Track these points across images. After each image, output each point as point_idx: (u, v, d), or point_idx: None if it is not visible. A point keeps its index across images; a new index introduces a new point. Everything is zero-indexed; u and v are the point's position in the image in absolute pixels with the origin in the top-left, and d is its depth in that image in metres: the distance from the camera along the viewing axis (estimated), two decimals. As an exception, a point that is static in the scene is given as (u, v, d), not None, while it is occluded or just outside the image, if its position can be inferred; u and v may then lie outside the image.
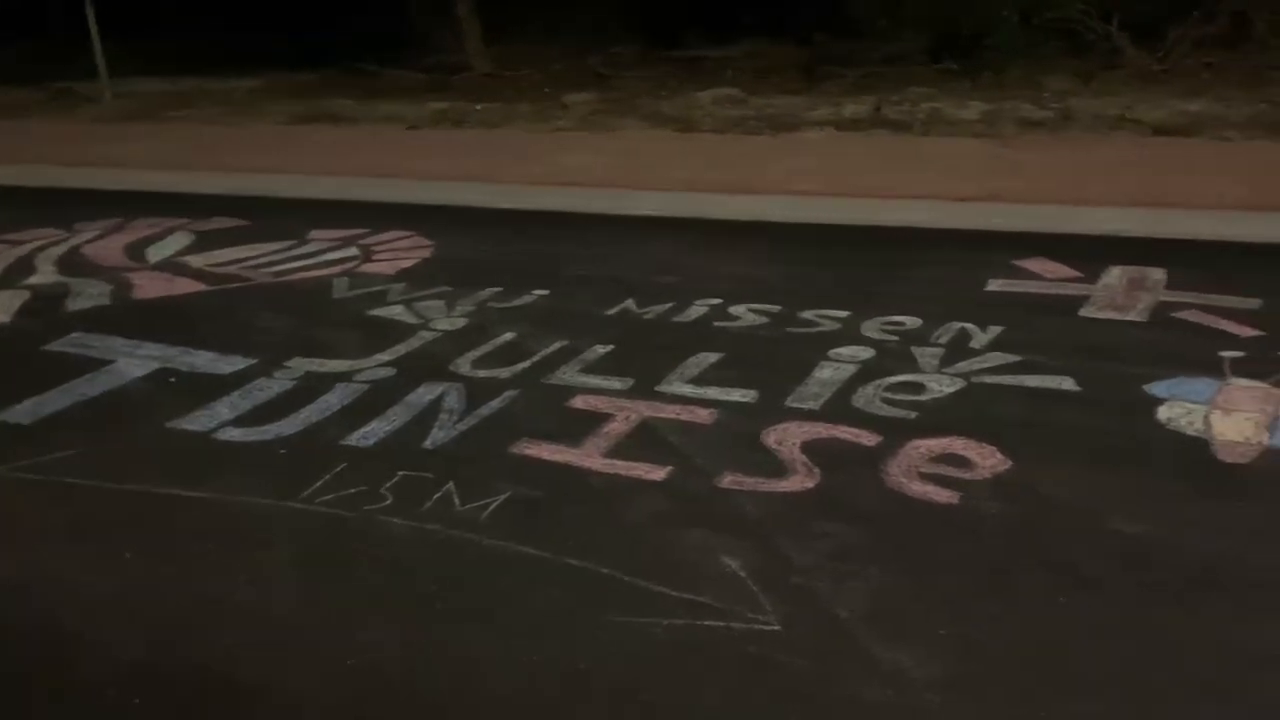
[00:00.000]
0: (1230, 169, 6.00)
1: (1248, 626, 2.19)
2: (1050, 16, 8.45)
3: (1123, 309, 4.03)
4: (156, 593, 2.49)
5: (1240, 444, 2.91)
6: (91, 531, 2.77)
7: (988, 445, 2.96)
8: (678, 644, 2.21)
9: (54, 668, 2.26)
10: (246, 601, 2.44)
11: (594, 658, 2.19)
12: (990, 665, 2.11)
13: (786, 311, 4.13)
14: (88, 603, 2.46)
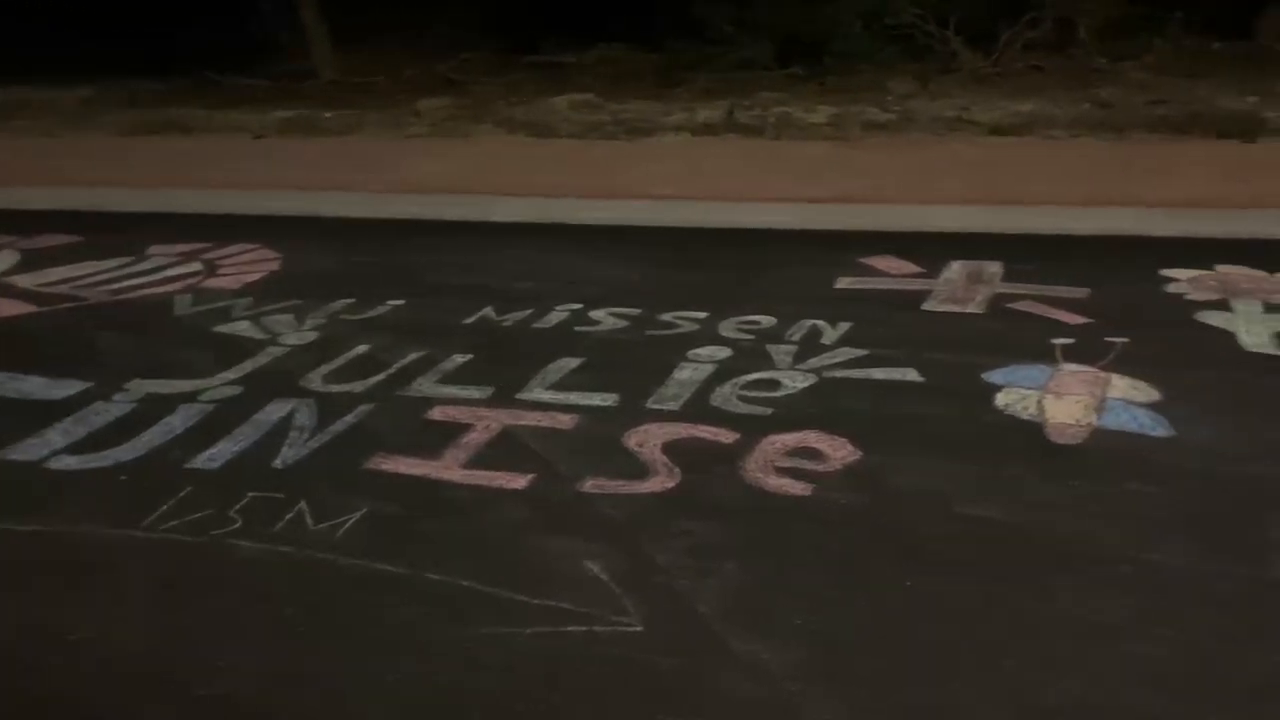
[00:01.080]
0: (1059, 166, 6.36)
1: (1086, 599, 2.31)
2: (890, 22, 8.78)
3: (962, 302, 4.22)
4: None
5: (1071, 426, 3.08)
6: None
7: (839, 437, 3.04)
8: (542, 652, 2.20)
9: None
10: (90, 635, 2.31)
11: (458, 673, 2.16)
12: (845, 651, 2.17)
13: (646, 314, 4.17)
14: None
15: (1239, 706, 1.97)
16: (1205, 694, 2.00)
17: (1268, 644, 2.13)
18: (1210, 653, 2.11)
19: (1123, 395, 3.25)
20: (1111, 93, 7.81)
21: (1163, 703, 1.99)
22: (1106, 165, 6.28)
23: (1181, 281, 4.29)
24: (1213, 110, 7.19)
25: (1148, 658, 2.11)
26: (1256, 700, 1.98)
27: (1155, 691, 2.02)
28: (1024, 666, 2.11)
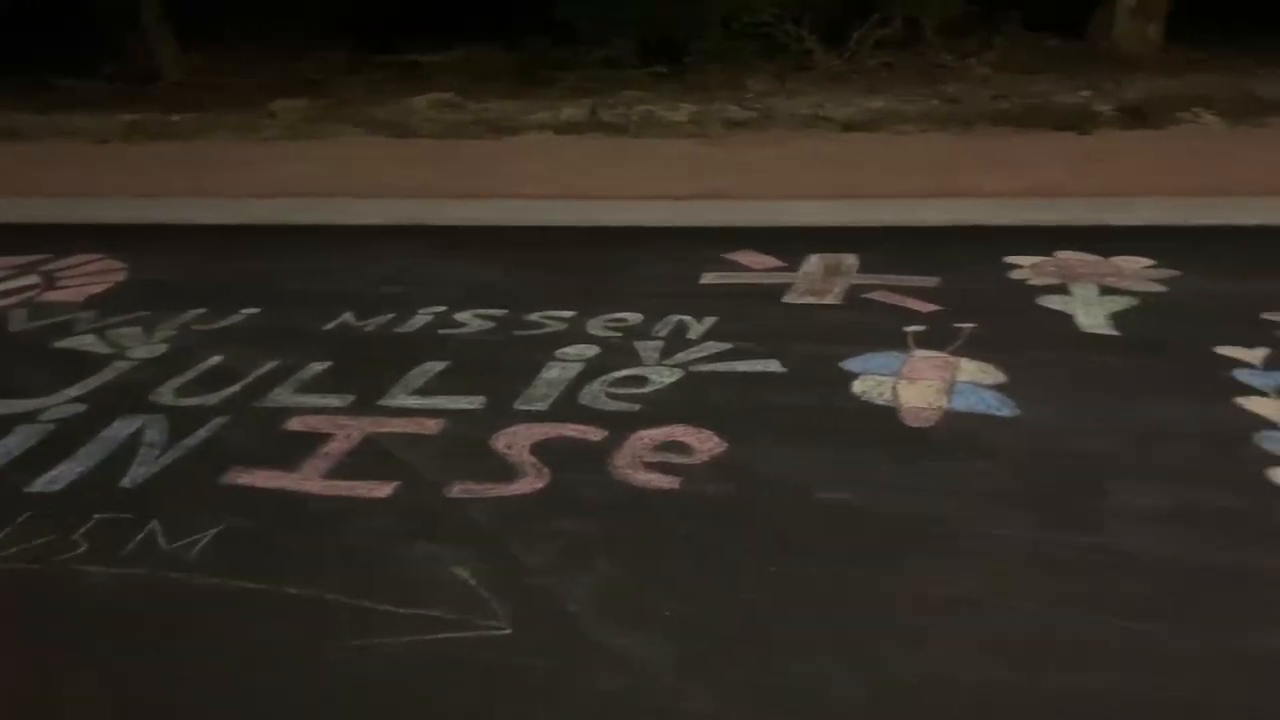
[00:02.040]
0: (910, 160, 6.60)
1: (940, 575, 2.41)
2: (748, 21, 8.94)
3: (821, 294, 4.34)
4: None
5: (924, 409, 3.21)
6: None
7: (705, 430, 3.09)
8: (410, 662, 2.17)
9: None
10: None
11: (321, 688, 2.11)
12: (714, 640, 2.21)
13: (513, 315, 4.14)
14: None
15: (1082, 667, 2.08)
16: (1050, 659, 2.11)
17: (1106, 606, 2.26)
18: (1054, 619, 2.23)
19: (971, 378, 3.39)
20: (957, 88, 8.14)
21: (1012, 669, 2.09)
22: (953, 158, 6.55)
23: (1024, 268, 4.50)
24: (1050, 104, 7.57)
25: (997, 627, 2.22)
26: (1098, 660, 2.10)
27: (1005, 659, 2.12)
28: (882, 642, 2.18)
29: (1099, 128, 7.02)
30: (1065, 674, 2.07)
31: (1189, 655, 2.10)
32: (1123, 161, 6.26)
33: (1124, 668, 2.07)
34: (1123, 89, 7.79)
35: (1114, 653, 2.12)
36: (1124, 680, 2.04)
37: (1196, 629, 2.17)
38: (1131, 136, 6.85)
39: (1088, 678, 2.05)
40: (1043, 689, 2.03)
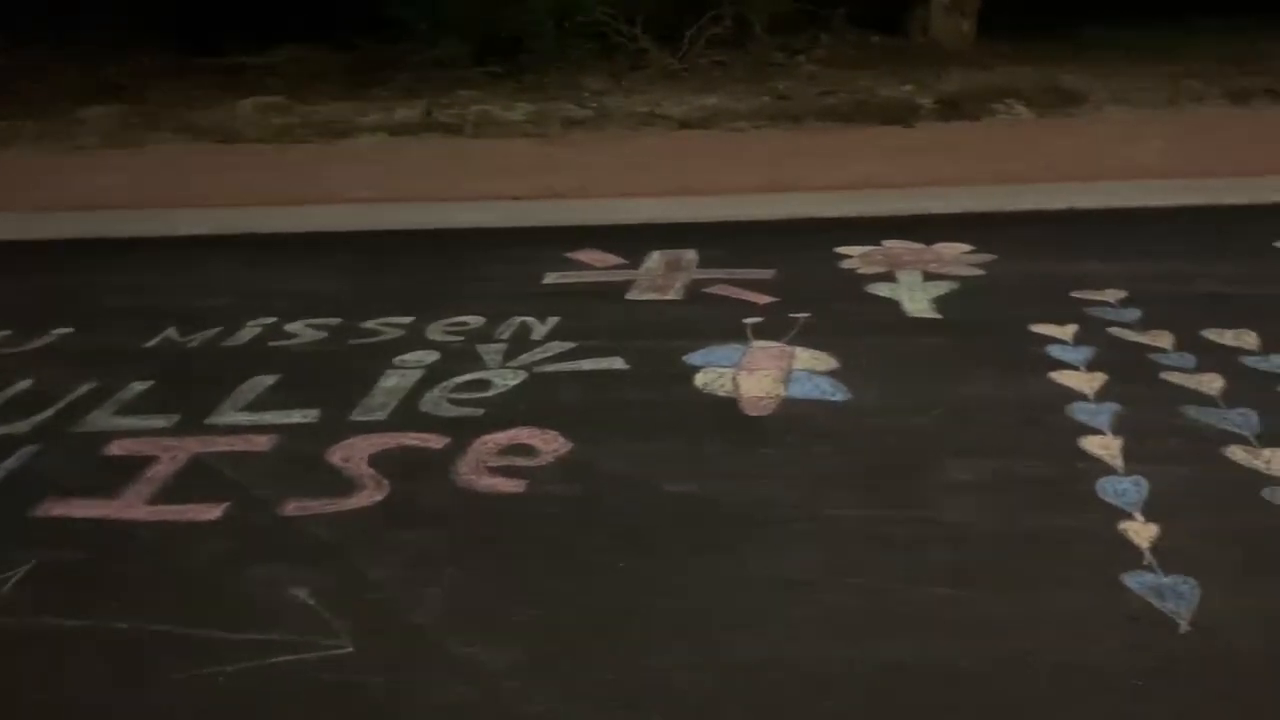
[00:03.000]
0: (744, 156, 6.75)
1: (780, 558, 2.46)
2: (581, 21, 8.96)
3: (662, 290, 4.38)
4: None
5: (763, 398, 3.28)
6: None
7: (550, 431, 3.08)
8: (246, 689, 2.08)
9: None
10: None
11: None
12: (563, 641, 2.19)
13: (348, 323, 4.02)
14: None
15: (914, 637, 2.17)
16: (885, 631, 2.19)
17: (935, 578, 2.36)
18: (888, 592, 2.31)
19: (806, 366, 3.49)
20: (787, 85, 8.38)
21: (849, 644, 2.16)
22: (785, 153, 6.73)
23: (854, 258, 4.66)
24: (875, 99, 7.87)
25: (836, 607, 2.28)
26: (929, 629, 2.19)
27: (843, 636, 2.18)
28: (728, 629, 2.22)
29: (920, 120, 7.34)
30: (899, 645, 2.14)
31: (1012, 618, 2.21)
32: (943, 152, 6.57)
33: (953, 635, 2.16)
34: (941, 83, 8.17)
35: (944, 621, 2.21)
36: (954, 647, 2.13)
37: (1019, 593, 2.29)
38: (950, 128, 7.19)
39: (921, 647, 2.13)
40: (880, 660, 2.10)
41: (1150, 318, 3.75)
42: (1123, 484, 2.68)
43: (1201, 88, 7.70)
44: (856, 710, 1.98)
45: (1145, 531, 2.47)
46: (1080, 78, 8.06)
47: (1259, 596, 2.24)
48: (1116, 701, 1.96)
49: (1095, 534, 2.48)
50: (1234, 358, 3.39)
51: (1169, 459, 2.79)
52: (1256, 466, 2.73)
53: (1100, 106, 7.45)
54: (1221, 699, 1.95)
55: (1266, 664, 2.04)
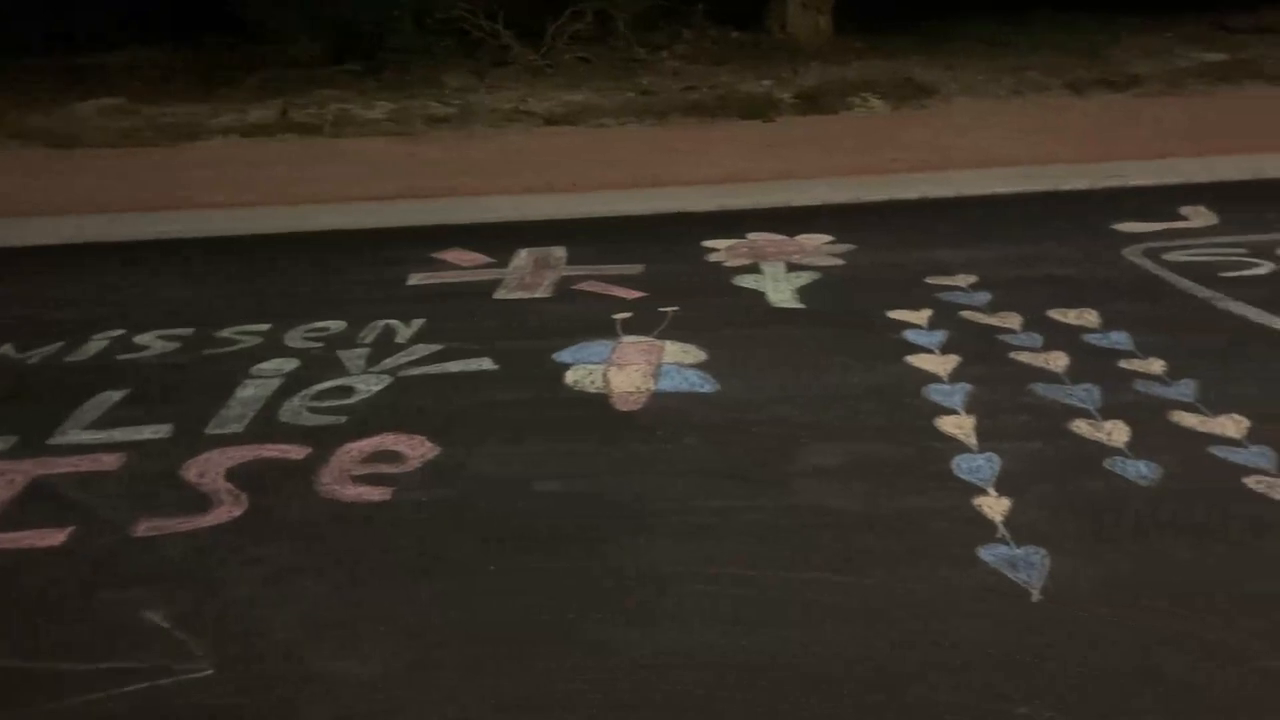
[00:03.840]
0: (610, 152, 6.76)
1: (653, 551, 2.47)
2: (440, 17, 8.83)
3: (531, 288, 4.35)
4: None
5: (633, 393, 3.29)
6: None
7: (417, 436, 3.02)
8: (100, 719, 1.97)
9: None
10: None
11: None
12: (432, 647, 2.15)
13: (201, 333, 3.87)
14: None
15: (791, 623, 2.21)
16: (765, 621, 2.22)
17: (799, 561, 2.40)
18: (764, 582, 2.35)
19: (675, 360, 3.52)
20: (651, 81, 8.44)
21: (728, 636, 2.18)
22: (651, 149, 6.78)
23: (720, 251, 4.73)
24: (737, 94, 8.00)
25: (710, 595, 2.30)
26: (805, 614, 2.23)
27: (721, 627, 2.20)
28: (607, 626, 2.21)
29: (780, 115, 7.49)
30: (776, 631, 2.18)
31: (877, 598, 2.27)
32: (803, 146, 6.73)
33: (825, 618, 2.21)
34: (799, 77, 8.36)
35: (815, 605, 2.25)
36: (827, 630, 2.17)
37: (882, 573, 2.35)
38: (809, 122, 7.37)
39: (795, 632, 2.17)
40: (758, 648, 2.12)
41: (999, 300, 3.91)
42: (976, 461, 2.79)
43: (1043, 79, 8.08)
44: (736, 702, 2.00)
45: (998, 506, 2.58)
46: (930, 71, 8.36)
47: (1104, 563, 2.36)
48: (977, 673, 2.03)
49: (952, 511, 2.57)
50: (1077, 336, 3.57)
51: (1019, 435, 2.92)
52: (1099, 439, 2.88)
53: (950, 98, 7.74)
54: (1073, 663, 2.05)
55: (1112, 627, 2.14)
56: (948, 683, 2.01)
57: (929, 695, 1.98)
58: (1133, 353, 3.39)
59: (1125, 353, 3.40)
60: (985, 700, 1.96)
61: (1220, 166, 5.73)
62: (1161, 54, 8.69)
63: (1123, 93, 7.69)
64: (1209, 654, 2.04)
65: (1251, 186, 5.37)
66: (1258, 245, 4.36)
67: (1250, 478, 2.63)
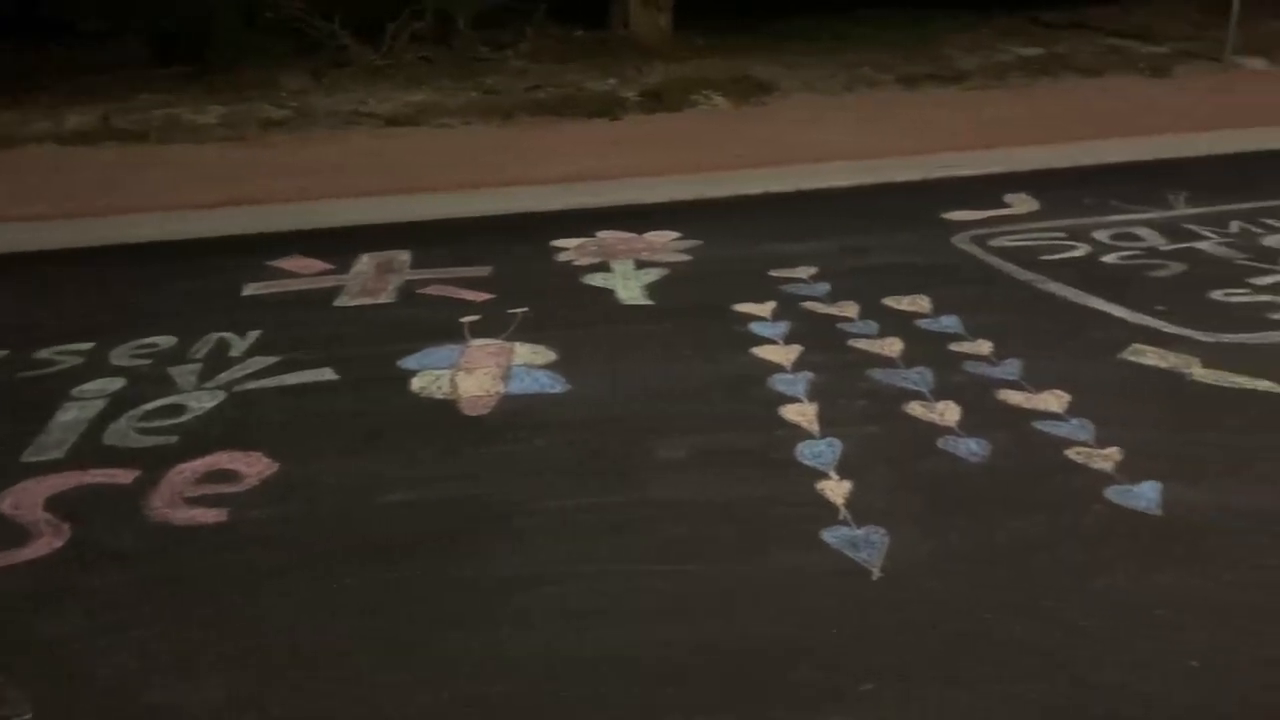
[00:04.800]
0: (455, 153, 6.65)
1: (512, 555, 2.44)
2: (272, 16, 8.52)
3: (374, 293, 4.24)
4: None
5: (481, 397, 3.25)
6: None
7: (254, 452, 2.91)
8: (-102, 783, 1.82)
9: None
10: None
11: None
12: (274, 673, 2.07)
13: (16, 355, 3.63)
14: None
15: (648, 618, 2.21)
16: (620, 617, 2.22)
17: (650, 555, 2.42)
18: (619, 578, 2.35)
19: (525, 361, 3.49)
20: (495, 80, 8.35)
21: (585, 634, 2.17)
22: (497, 149, 6.71)
23: (569, 250, 4.71)
24: (582, 93, 8.00)
25: (568, 596, 2.29)
26: (656, 604, 2.24)
27: (578, 626, 2.20)
28: (463, 636, 2.17)
29: (626, 113, 7.53)
30: (632, 626, 2.19)
31: (729, 586, 2.30)
32: (649, 143, 6.77)
33: (679, 610, 2.23)
34: (643, 76, 8.42)
35: (669, 597, 2.27)
36: (680, 622, 2.19)
37: (733, 561, 2.39)
38: (654, 120, 7.42)
39: (650, 626, 2.19)
40: (615, 644, 2.13)
41: (838, 290, 4.03)
42: (818, 446, 2.86)
43: (875, 75, 8.37)
44: (587, 699, 1.99)
45: (840, 489, 2.66)
46: (769, 68, 8.55)
47: (939, 537, 2.45)
48: (823, 653, 2.09)
49: (797, 496, 2.63)
50: (910, 322, 3.71)
51: (858, 419, 3.01)
52: (932, 419, 3.00)
53: (788, 95, 7.93)
54: (913, 635, 2.13)
55: (948, 598, 2.23)
56: (794, 664, 2.06)
57: (775, 678, 2.02)
58: (962, 336, 3.55)
59: (955, 336, 3.55)
60: (831, 679, 2.01)
61: (1040, 155, 6.05)
62: (984, 49, 9.13)
63: (950, 87, 8.03)
64: (1036, 616, 2.15)
65: (1069, 173, 5.68)
66: (1074, 229, 4.63)
67: (1071, 449, 2.79)
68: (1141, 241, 4.42)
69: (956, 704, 1.94)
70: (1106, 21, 9.83)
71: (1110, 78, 8.07)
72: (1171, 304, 3.70)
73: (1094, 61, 8.47)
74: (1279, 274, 3.96)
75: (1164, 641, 2.06)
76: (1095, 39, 9.28)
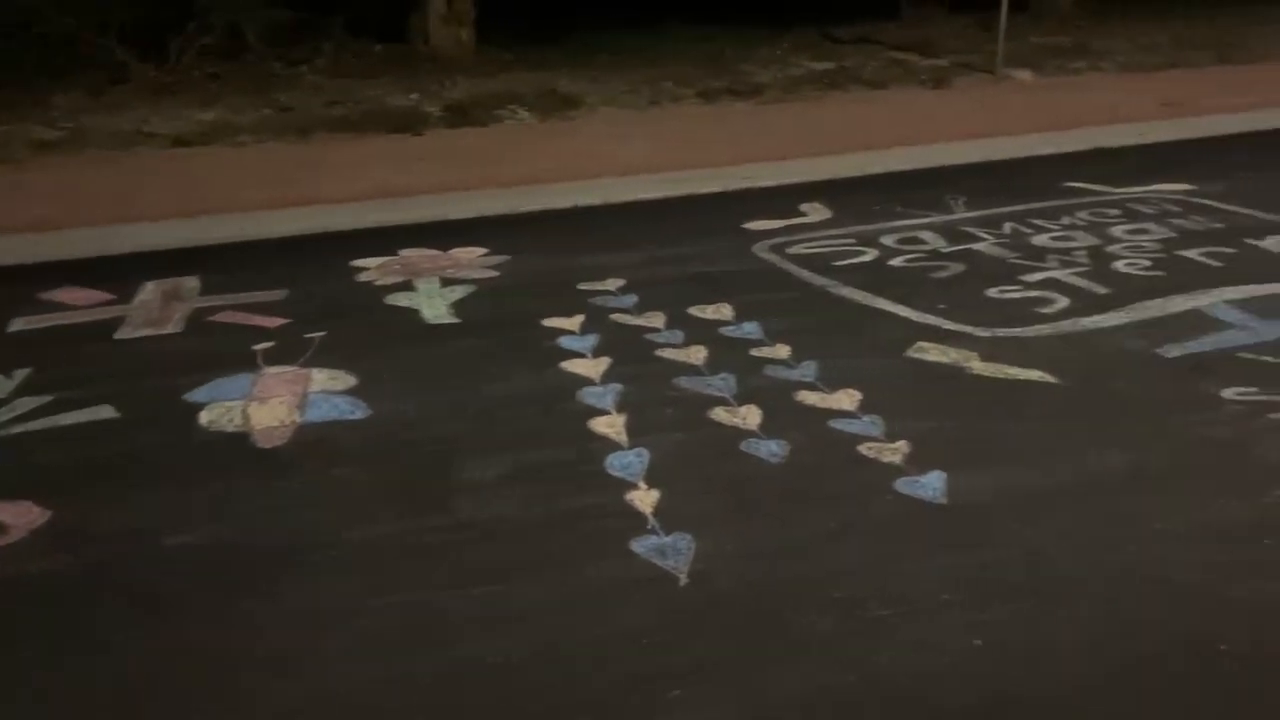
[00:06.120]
0: (248, 172, 6.37)
1: (312, 591, 2.34)
2: (40, 32, 7.94)
3: (159, 323, 4.00)
4: None
5: (277, 427, 3.10)
6: None
7: (23, 502, 2.68)
8: None
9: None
10: None
11: None
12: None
13: None
14: None
15: (452, 639, 2.16)
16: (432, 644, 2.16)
17: (460, 578, 2.37)
18: (429, 605, 2.28)
19: (323, 387, 3.36)
20: (291, 96, 8.06)
21: (394, 666, 2.10)
22: (294, 167, 6.46)
23: (371, 269, 4.58)
24: (384, 108, 7.82)
25: (377, 628, 2.21)
26: (466, 628, 2.19)
27: (387, 657, 2.12)
28: (264, 676, 2.07)
29: (430, 128, 7.41)
30: (444, 653, 2.13)
31: (542, 604, 2.28)
32: (454, 159, 6.68)
33: (492, 632, 2.19)
34: (447, 90, 8.32)
35: (482, 620, 2.23)
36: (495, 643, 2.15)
37: (545, 578, 2.37)
38: (459, 134, 7.33)
39: (465, 649, 2.14)
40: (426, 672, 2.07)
41: (645, 301, 4.08)
42: (627, 457, 2.88)
43: (677, 89, 8.56)
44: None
45: (648, 498, 2.68)
46: (575, 83, 8.61)
47: (744, 539, 2.51)
48: (630, 662, 2.09)
49: (606, 509, 2.64)
50: (714, 329, 3.79)
51: (665, 428, 3.05)
52: (736, 423, 3.07)
53: (594, 109, 8.00)
54: (717, 638, 2.16)
55: (752, 598, 2.28)
56: (602, 676, 2.05)
57: (583, 691, 2.01)
58: (763, 340, 3.65)
59: (756, 341, 3.65)
60: (639, 687, 2.02)
61: (832, 165, 6.32)
62: (779, 64, 9.49)
63: (748, 101, 8.29)
64: (831, 607, 2.23)
65: (859, 182, 5.96)
66: (864, 235, 4.86)
67: (863, 445, 2.91)
68: (925, 245, 4.68)
69: (757, 701, 1.98)
70: (890, 37, 10.40)
71: (895, 90, 8.53)
72: (952, 303, 3.93)
73: (880, 75, 8.94)
74: (1047, 271, 4.27)
75: (950, 623, 2.17)
76: (880, 53, 9.80)
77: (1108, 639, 2.12)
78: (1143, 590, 2.27)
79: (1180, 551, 2.40)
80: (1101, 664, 2.05)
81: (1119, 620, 2.18)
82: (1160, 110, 7.43)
